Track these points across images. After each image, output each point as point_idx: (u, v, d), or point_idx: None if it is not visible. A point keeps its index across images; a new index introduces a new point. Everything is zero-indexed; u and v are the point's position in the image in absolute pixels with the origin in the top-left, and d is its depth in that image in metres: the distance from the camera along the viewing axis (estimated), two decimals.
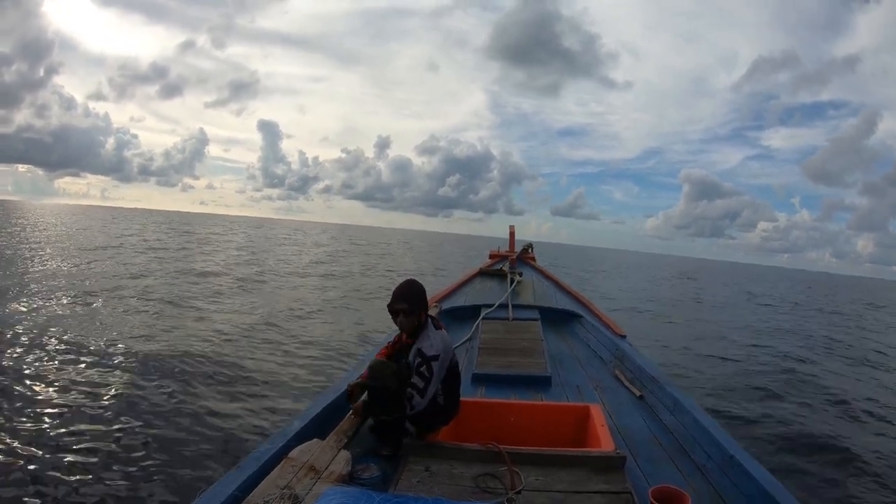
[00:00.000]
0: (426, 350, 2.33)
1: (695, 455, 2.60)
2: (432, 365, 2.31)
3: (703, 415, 2.79)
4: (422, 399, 2.31)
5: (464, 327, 5.31)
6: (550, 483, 2.07)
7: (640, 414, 3.21)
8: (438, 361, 2.33)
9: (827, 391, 7.93)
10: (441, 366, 2.36)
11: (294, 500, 1.84)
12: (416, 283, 2.52)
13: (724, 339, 12.40)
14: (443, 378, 2.43)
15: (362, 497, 1.85)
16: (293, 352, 8.15)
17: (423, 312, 2.47)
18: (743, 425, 5.89)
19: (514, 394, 3.56)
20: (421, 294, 2.47)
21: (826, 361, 10.64)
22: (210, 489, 1.92)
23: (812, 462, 5.05)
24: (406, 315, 2.42)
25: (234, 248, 32.06)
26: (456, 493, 1.99)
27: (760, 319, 17.62)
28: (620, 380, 3.84)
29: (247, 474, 2.03)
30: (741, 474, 2.20)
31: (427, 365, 2.30)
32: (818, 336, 14.42)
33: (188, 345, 7.83)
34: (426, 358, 2.31)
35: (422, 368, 2.30)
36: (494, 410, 3.03)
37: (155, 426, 5.04)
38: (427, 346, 2.34)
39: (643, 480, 2.32)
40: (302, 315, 11.18)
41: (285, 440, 2.34)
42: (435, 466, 2.20)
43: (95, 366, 6.76)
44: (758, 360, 9.95)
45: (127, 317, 9.65)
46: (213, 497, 1.86)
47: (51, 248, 22.40)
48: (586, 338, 5.14)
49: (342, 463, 2.19)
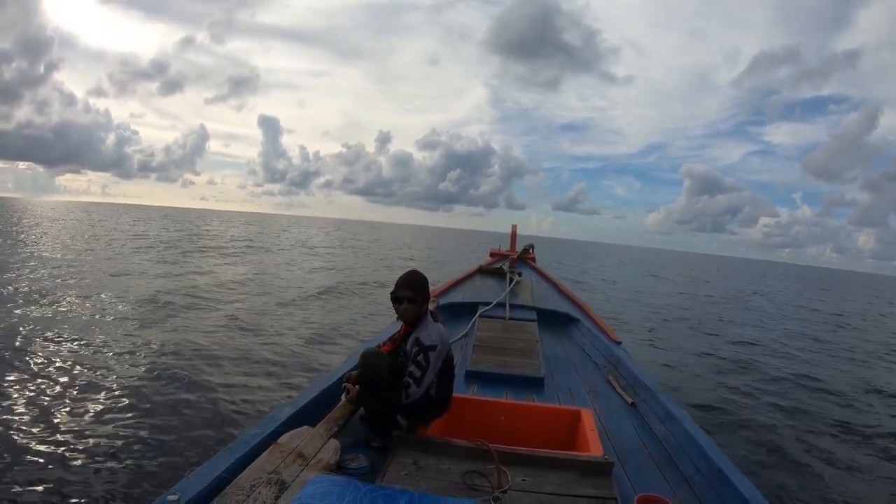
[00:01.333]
0: (424, 340, 2.33)
1: (682, 465, 2.60)
2: (429, 354, 2.31)
3: (693, 426, 2.78)
4: (418, 388, 2.30)
5: (460, 324, 5.31)
6: (538, 484, 2.07)
7: (631, 421, 3.21)
8: (436, 352, 2.34)
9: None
10: (438, 357, 2.36)
11: (281, 486, 1.84)
12: (420, 273, 2.54)
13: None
14: (438, 370, 2.43)
15: (349, 486, 1.86)
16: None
17: (425, 303, 2.48)
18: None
19: (507, 393, 3.56)
20: (424, 284, 2.48)
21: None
22: (198, 470, 1.93)
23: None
24: (410, 302, 2.42)
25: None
26: (443, 489, 1.99)
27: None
28: (613, 386, 3.84)
29: (235, 457, 2.03)
30: (727, 487, 2.20)
31: (424, 354, 2.30)
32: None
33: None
34: (424, 347, 2.31)
35: (419, 357, 2.30)
36: (486, 408, 3.03)
37: (145, 405, 5.08)
38: (425, 336, 2.34)
39: (630, 488, 2.33)
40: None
41: (275, 425, 2.34)
42: (423, 460, 2.20)
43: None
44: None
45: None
46: (201, 478, 1.86)
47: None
48: (581, 342, 5.14)
49: (331, 451, 2.19)
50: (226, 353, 7.02)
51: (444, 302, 5.82)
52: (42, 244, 21.18)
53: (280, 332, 8.62)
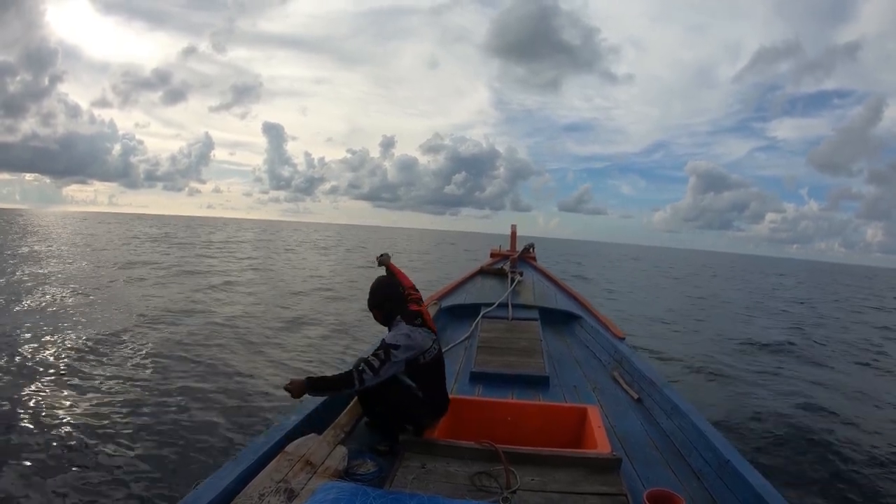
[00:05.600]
0: (387, 339, 2.47)
1: (691, 459, 2.59)
2: (390, 351, 2.39)
3: (700, 419, 2.78)
4: (373, 376, 2.34)
5: (463, 325, 5.31)
6: (546, 483, 2.07)
7: (638, 417, 3.21)
8: (398, 350, 2.41)
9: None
10: (400, 354, 2.41)
11: (289, 494, 1.84)
12: (380, 281, 2.70)
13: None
14: (413, 371, 2.49)
15: (358, 493, 1.85)
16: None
17: (385, 310, 2.62)
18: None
19: (512, 393, 3.56)
20: (378, 292, 2.63)
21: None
22: (206, 481, 1.93)
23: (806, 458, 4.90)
24: (371, 309, 2.66)
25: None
26: (451, 491, 1.99)
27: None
28: (618, 382, 3.84)
29: (243, 467, 2.04)
30: (736, 479, 2.19)
31: (385, 349, 2.39)
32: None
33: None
34: (384, 344, 2.43)
35: (379, 350, 2.41)
36: (492, 409, 3.03)
37: (153, 413, 5.07)
38: (390, 337, 2.48)
39: (638, 483, 2.32)
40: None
41: (282, 434, 2.35)
42: (431, 464, 2.20)
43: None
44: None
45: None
46: (210, 489, 1.87)
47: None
48: (585, 339, 5.14)
49: (338, 458, 2.19)
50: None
51: (445, 304, 5.82)
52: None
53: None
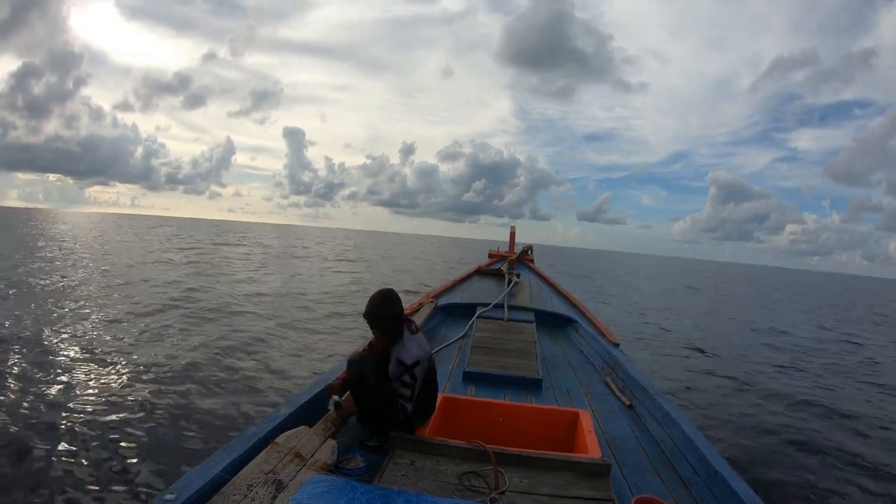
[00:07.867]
0: (405, 359, 2.40)
1: (680, 467, 2.60)
2: (415, 371, 2.40)
3: (690, 427, 2.79)
4: (411, 403, 2.42)
5: (458, 324, 5.32)
6: (535, 486, 2.07)
7: (629, 423, 3.22)
8: (419, 367, 2.43)
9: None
10: (422, 369, 2.45)
11: (278, 486, 1.84)
12: (388, 294, 2.50)
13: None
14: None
15: (346, 487, 1.85)
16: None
17: (398, 324, 2.48)
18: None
19: (505, 394, 3.57)
20: (390, 306, 2.46)
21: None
22: (196, 469, 1.93)
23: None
24: (378, 327, 2.48)
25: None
26: (439, 490, 2.00)
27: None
28: (611, 388, 3.84)
29: (233, 456, 2.03)
30: (724, 490, 2.20)
31: (410, 372, 2.39)
32: None
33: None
34: (407, 367, 2.39)
35: (405, 377, 2.39)
36: (484, 409, 3.03)
37: (147, 403, 5.06)
38: (406, 356, 2.41)
39: (627, 490, 2.33)
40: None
41: (273, 425, 2.35)
42: (420, 461, 2.20)
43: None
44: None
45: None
46: (199, 477, 1.86)
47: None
48: (580, 343, 5.14)
49: (328, 452, 2.19)
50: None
51: (442, 303, 5.82)
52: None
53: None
